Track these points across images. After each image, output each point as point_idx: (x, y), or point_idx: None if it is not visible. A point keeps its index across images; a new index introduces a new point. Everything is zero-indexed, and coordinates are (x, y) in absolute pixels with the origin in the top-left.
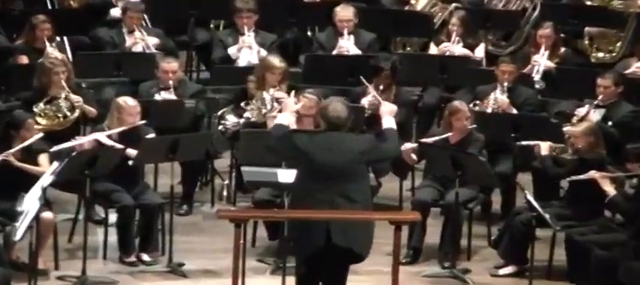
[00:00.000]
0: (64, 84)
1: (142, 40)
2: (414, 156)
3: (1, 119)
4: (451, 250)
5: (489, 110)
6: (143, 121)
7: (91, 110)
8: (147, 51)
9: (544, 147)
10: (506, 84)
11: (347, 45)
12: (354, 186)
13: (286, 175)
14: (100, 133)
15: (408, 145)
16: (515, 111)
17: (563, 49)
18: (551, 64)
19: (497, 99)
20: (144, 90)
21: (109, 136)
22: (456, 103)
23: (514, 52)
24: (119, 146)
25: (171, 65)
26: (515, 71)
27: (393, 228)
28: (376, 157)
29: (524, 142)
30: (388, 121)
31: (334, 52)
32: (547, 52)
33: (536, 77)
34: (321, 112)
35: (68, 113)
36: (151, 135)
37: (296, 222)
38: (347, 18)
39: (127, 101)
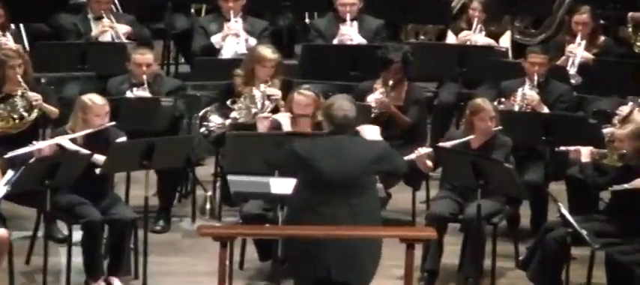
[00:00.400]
0: (20, 79)
1: (110, 28)
2: (429, 163)
3: None
4: (472, 273)
5: (516, 108)
6: (112, 123)
7: (52, 110)
8: (116, 41)
9: (585, 153)
10: (536, 78)
11: (350, 33)
12: (360, 200)
13: (280, 185)
14: (62, 137)
15: (422, 150)
16: (546, 109)
17: (602, 38)
18: (588, 56)
19: (526, 95)
20: (113, 86)
21: (73, 140)
22: (479, 100)
23: (545, 41)
24: (85, 152)
25: (144, 57)
26: (546, 63)
27: (404, 247)
28: (387, 167)
29: (562, 148)
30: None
31: (335, 42)
32: (584, 42)
33: (572, 71)
34: (326, 112)
35: (25, 114)
36: (122, 139)
37: (292, 243)
38: (350, 1)
39: (94, 99)
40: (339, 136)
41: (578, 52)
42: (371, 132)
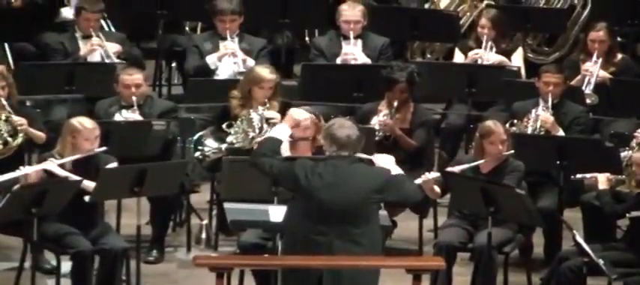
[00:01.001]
0: (3, 102)
1: (100, 47)
2: (436, 189)
3: None
4: None
5: (529, 131)
6: (103, 148)
7: (38, 135)
8: (106, 60)
9: (601, 180)
10: (550, 99)
11: (354, 52)
12: (362, 230)
13: (279, 214)
14: (50, 162)
15: (429, 176)
16: (561, 132)
17: (620, 56)
18: (606, 75)
19: (540, 116)
20: (101, 109)
21: (62, 166)
22: (490, 122)
23: (559, 60)
24: (74, 178)
25: (133, 78)
26: (561, 83)
27: (411, 277)
28: (393, 197)
29: (579, 175)
30: (392, 169)
31: (338, 61)
32: (601, 60)
33: (588, 90)
34: (327, 132)
35: (9, 139)
36: (113, 164)
37: (292, 273)
38: (354, 18)
39: (84, 123)
40: (341, 161)
41: (594, 70)
42: (385, 161)
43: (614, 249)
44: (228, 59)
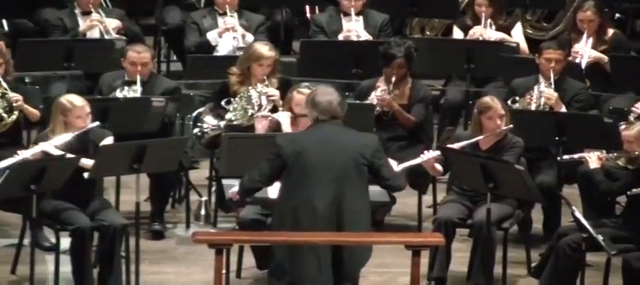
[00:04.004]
0: (0, 79)
1: (99, 23)
2: (438, 167)
3: None
4: (482, 281)
5: (533, 107)
6: (96, 123)
7: (33, 112)
8: (106, 36)
9: (592, 159)
10: (552, 75)
11: (356, 28)
12: (349, 194)
13: (277, 190)
14: (46, 144)
15: (429, 154)
16: (564, 108)
17: (611, 32)
18: (598, 54)
19: (544, 92)
20: (105, 82)
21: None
22: (487, 98)
23: (557, 37)
24: (71, 156)
25: (140, 56)
26: (563, 59)
27: (410, 254)
28: (381, 166)
29: (566, 157)
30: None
31: (340, 38)
32: (591, 40)
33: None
34: (310, 99)
35: (5, 115)
36: (109, 139)
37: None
38: None
39: (73, 101)
40: (329, 125)
41: (585, 51)
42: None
43: (613, 225)
44: (228, 35)
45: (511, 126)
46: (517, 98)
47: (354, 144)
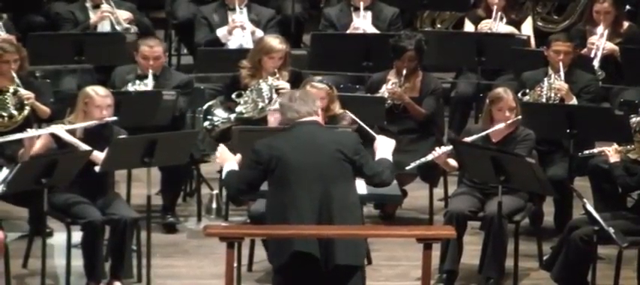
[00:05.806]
0: (14, 75)
1: (110, 14)
2: (452, 162)
3: None
4: (494, 273)
5: (544, 99)
6: (113, 118)
7: (43, 109)
8: (117, 27)
9: (612, 153)
10: (561, 68)
11: (363, 25)
12: (339, 191)
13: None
14: (57, 126)
15: (441, 150)
16: (575, 100)
17: (626, 25)
18: (613, 47)
19: (554, 84)
20: (118, 75)
21: (71, 133)
22: (500, 89)
23: (568, 29)
24: (82, 145)
25: (152, 50)
26: (572, 52)
27: (421, 247)
28: (361, 162)
29: (587, 152)
30: (383, 153)
31: (348, 32)
32: (606, 32)
33: (595, 64)
34: (279, 108)
35: (15, 112)
36: (123, 135)
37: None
38: None
39: (97, 90)
40: (306, 126)
41: (600, 43)
42: (386, 144)
43: (625, 218)
44: (238, 32)
45: (520, 117)
46: (527, 91)
47: (332, 143)
